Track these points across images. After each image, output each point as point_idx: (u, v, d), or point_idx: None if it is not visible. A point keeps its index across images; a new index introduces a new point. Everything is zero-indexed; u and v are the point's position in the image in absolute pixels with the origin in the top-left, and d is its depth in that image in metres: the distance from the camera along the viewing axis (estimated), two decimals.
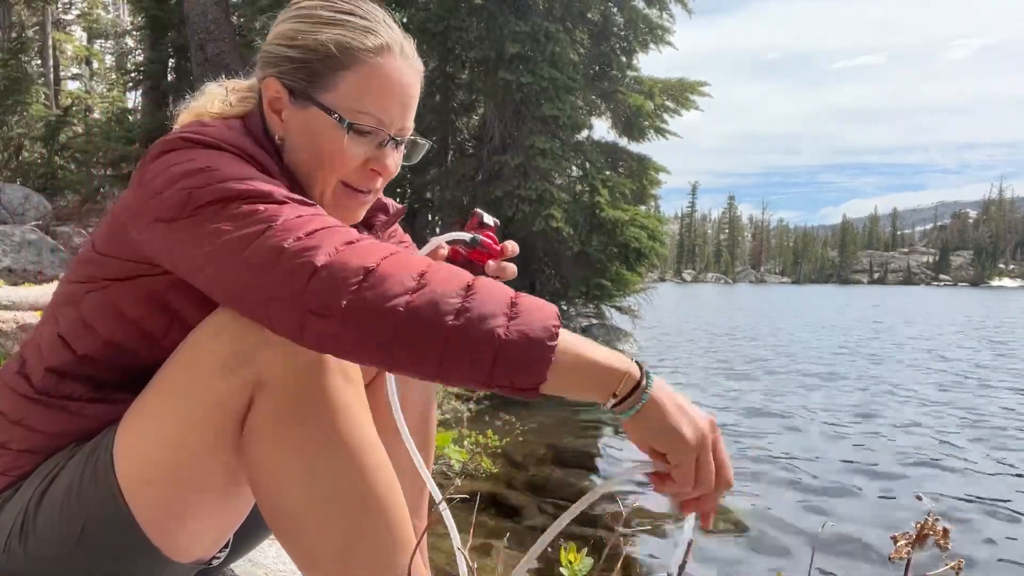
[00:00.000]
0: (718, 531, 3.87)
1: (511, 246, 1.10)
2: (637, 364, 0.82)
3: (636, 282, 10.76)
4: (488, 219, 1.13)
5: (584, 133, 10.31)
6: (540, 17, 9.64)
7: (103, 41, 24.99)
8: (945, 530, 0.82)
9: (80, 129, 13.66)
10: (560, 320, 0.78)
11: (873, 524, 4.02)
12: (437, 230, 10.64)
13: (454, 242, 1.09)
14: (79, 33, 22.51)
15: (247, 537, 1.16)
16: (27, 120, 14.07)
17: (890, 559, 0.83)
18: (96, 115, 15.80)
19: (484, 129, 10.42)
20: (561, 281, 10.27)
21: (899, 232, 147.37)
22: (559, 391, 0.78)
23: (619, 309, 11.82)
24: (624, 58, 10.73)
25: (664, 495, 0.85)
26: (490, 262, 1.10)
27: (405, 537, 0.90)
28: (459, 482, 4.19)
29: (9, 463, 0.99)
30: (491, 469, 4.54)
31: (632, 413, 0.80)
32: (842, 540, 3.77)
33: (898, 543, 0.83)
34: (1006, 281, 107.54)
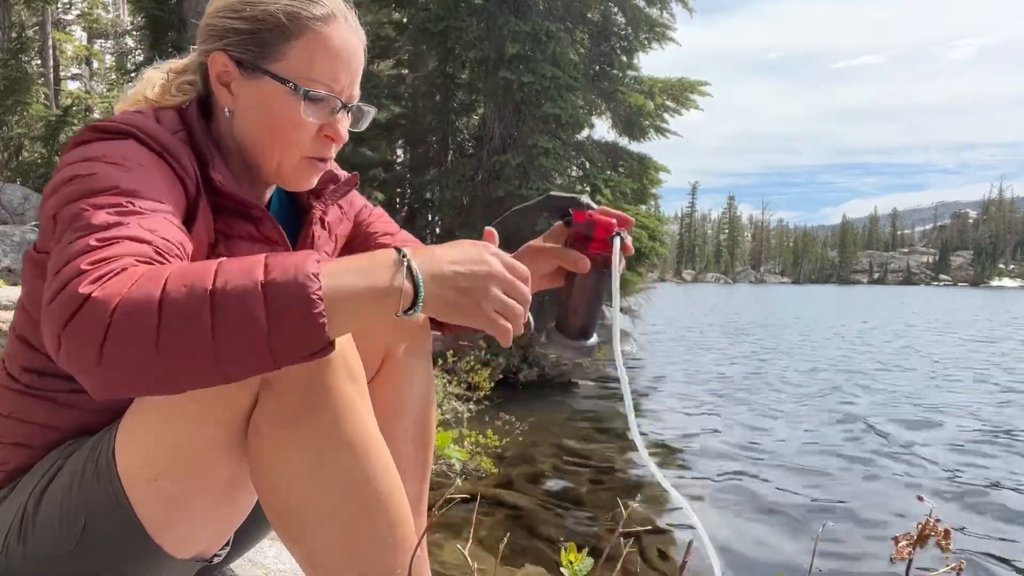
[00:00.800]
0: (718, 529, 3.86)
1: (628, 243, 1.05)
2: (405, 266, 0.75)
3: (636, 282, 10.76)
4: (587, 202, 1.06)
5: (585, 133, 10.30)
6: (540, 16, 9.63)
7: (103, 41, 24.97)
8: (946, 531, 0.81)
9: (80, 129, 13.67)
10: (316, 272, 0.71)
11: (874, 524, 4.02)
12: (437, 230, 10.64)
13: (574, 206, 1.05)
14: (79, 33, 22.49)
15: (247, 535, 1.15)
16: (27, 120, 14.07)
17: (891, 560, 0.83)
18: (96, 115, 15.79)
19: (484, 129, 10.41)
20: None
21: (899, 232, 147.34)
22: (345, 332, 0.76)
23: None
24: (625, 58, 10.71)
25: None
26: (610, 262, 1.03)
27: (407, 537, 0.90)
28: (459, 482, 4.19)
29: (2, 457, 0.99)
30: (491, 469, 4.53)
31: (415, 314, 0.77)
32: (842, 540, 3.77)
33: (899, 544, 0.83)
34: (1006, 281, 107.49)
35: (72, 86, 20.41)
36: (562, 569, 1.05)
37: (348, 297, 0.73)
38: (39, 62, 17.09)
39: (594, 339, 1.08)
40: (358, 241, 1.26)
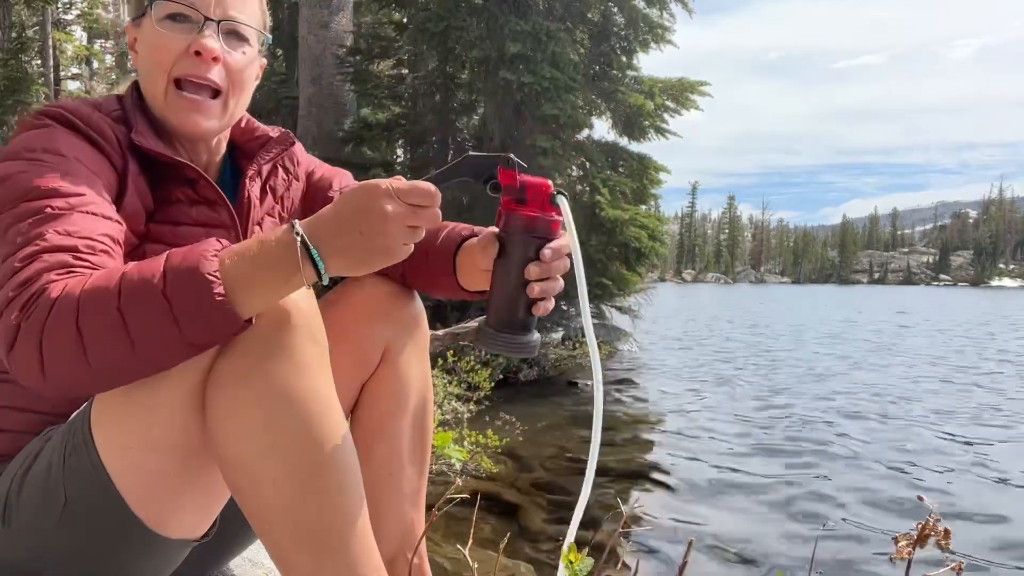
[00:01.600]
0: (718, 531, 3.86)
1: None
2: (299, 240, 0.79)
3: (636, 282, 10.76)
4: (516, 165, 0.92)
5: (584, 133, 10.30)
6: (540, 16, 9.63)
7: (103, 41, 24.98)
8: (946, 531, 0.82)
9: None
10: (214, 255, 0.78)
11: (874, 524, 4.02)
12: None
13: (503, 163, 0.89)
14: (79, 33, 22.48)
15: (245, 533, 1.15)
16: None
17: (891, 560, 0.83)
18: None
19: (484, 129, 10.41)
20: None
21: (899, 232, 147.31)
22: (260, 309, 0.82)
23: (619, 309, 11.82)
24: (624, 58, 10.71)
25: None
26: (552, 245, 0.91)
27: (356, 496, 0.91)
28: (459, 482, 4.19)
29: None
30: (491, 469, 4.53)
31: (325, 279, 0.82)
32: (842, 540, 3.77)
33: (899, 543, 0.83)
34: (1006, 281, 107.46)
35: (72, 86, 20.40)
36: (562, 569, 1.05)
37: (250, 277, 0.79)
38: (39, 62, 17.07)
39: (535, 336, 0.93)
40: (317, 199, 1.25)
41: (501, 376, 7.71)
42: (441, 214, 0.86)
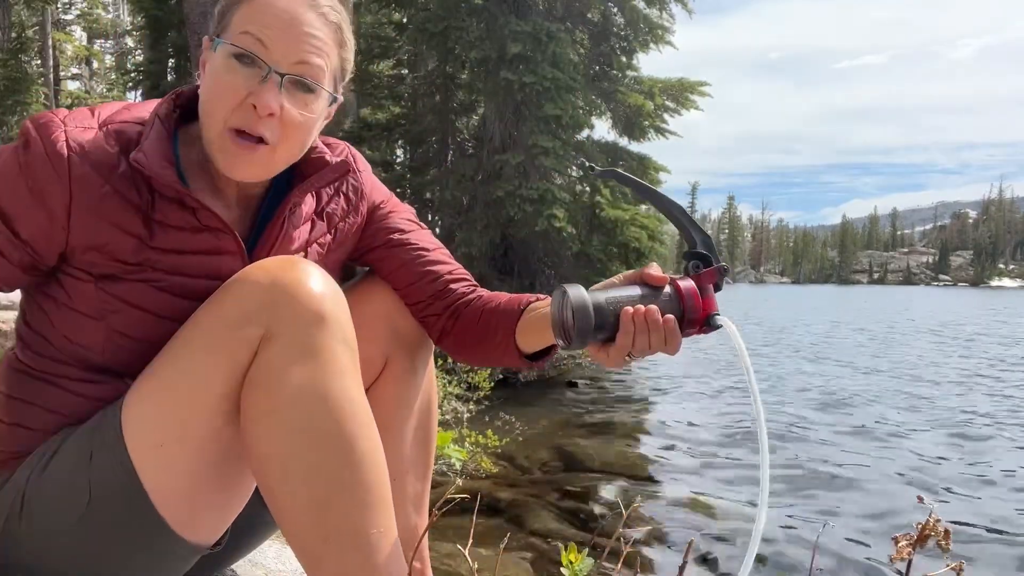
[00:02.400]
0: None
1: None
2: None
3: None
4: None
5: (585, 133, 10.31)
6: (541, 17, 9.63)
7: (103, 41, 24.99)
8: (947, 531, 0.81)
9: None
10: None
11: (874, 524, 4.02)
12: (437, 230, 10.64)
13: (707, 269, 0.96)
14: (79, 33, 22.48)
15: (249, 536, 1.16)
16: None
17: (891, 560, 0.83)
18: None
19: (484, 129, 10.41)
20: (561, 281, 10.26)
21: (899, 232, 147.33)
22: None
23: None
24: (624, 58, 10.72)
25: None
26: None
27: (383, 495, 0.92)
28: (459, 482, 4.19)
29: (2, 438, 1.01)
30: (491, 469, 4.54)
31: None
32: (842, 540, 3.77)
33: (899, 544, 0.83)
34: (1006, 281, 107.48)
35: (72, 86, 20.41)
36: (562, 569, 1.05)
37: None
38: (39, 62, 17.08)
39: (587, 336, 0.94)
40: (372, 237, 1.19)
41: (501, 376, 7.70)
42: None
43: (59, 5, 19.56)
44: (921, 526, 0.82)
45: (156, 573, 0.99)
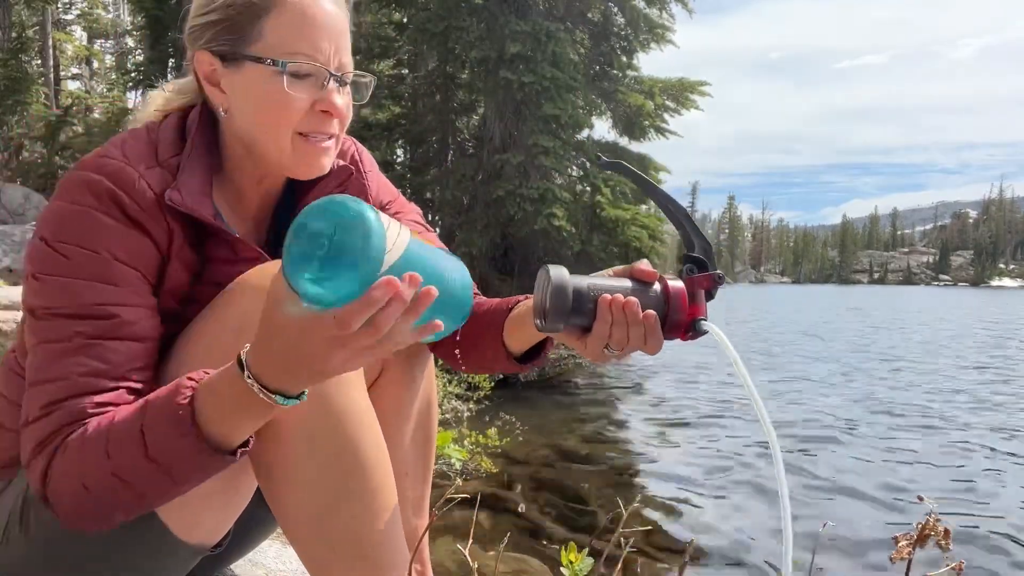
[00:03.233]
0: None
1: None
2: (256, 387, 0.75)
3: None
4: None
5: (585, 132, 10.31)
6: (541, 17, 9.64)
7: (103, 41, 24.98)
8: (946, 530, 0.81)
9: (80, 129, 13.67)
10: (186, 397, 0.78)
11: (874, 524, 4.02)
12: (438, 230, 10.63)
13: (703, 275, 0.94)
14: (79, 33, 22.49)
15: (248, 536, 1.16)
16: (27, 120, 14.06)
17: (891, 560, 0.83)
18: (96, 115, 15.79)
19: (484, 129, 10.41)
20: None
21: (899, 232, 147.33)
22: (244, 437, 0.82)
23: None
24: (624, 58, 10.73)
25: None
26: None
27: (390, 502, 0.92)
28: (459, 482, 4.19)
29: (4, 444, 1.00)
30: (491, 469, 4.53)
31: (294, 402, 0.78)
32: (842, 540, 3.77)
33: (899, 543, 0.83)
34: (1006, 281, 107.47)
35: (72, 86, 20.40)
36: (562, 569, 1.05)
37: (227, 422, 0.79)
38: (39, 62, 17.08)
39: (568, 317, 0.90)
40: None
41: (501, 376, 7.70)
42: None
43: (59, 5, 19.56)
44: (921, 526, 0.81)
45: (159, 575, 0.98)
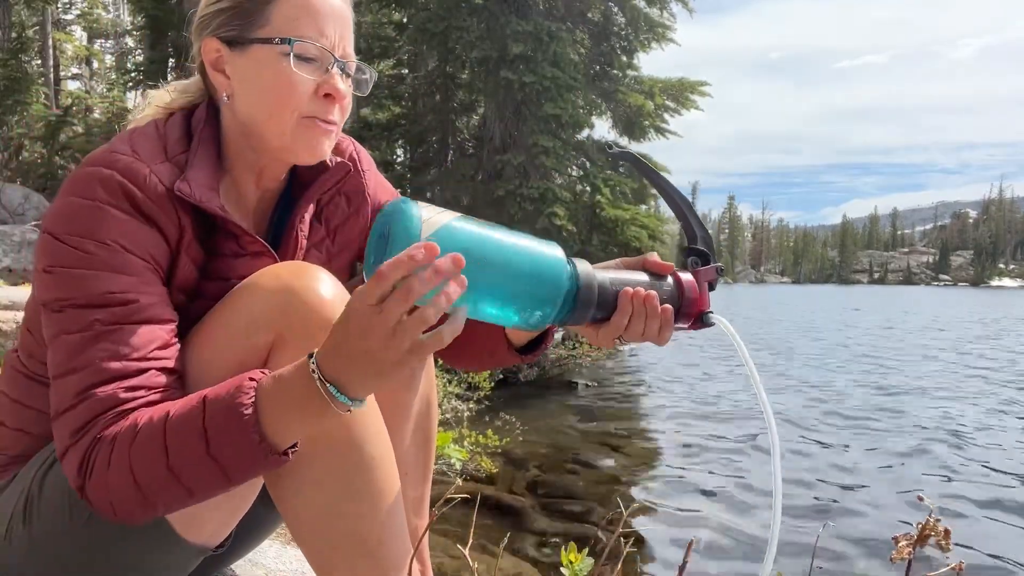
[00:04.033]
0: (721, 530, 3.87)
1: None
2: (319, 381, 0.76)
3: None
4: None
5: (585, 132, 10.31)
6: (541, 16, 9.63)
7: (103, 41, 24.97)
8: (946, 531, 0.81)
9: (80, 129, 13.65)
10: (250, 411, 0.78)
11: (874, 524, 4.02)
12: None
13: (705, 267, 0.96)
14: (79, 33, 22.48)
15: (249, 536, 1.16)
16: (27, 120, 14.06)
17: (891, 560, 0.83)
18: (96, 115, 15.77)
19: (484, 129, 10.41)
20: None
21: (899, 232, 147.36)
22: (296, 438, 0.82)
23: None
24: (625, 57, 10.72)
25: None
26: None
27: (394, 502, 0.92)
28: (459, 482, 4.19)
29: (5, 443, 1.01)
30: (491, 469, 4.53)
31: (360, 404, 0.79)
32: (842, 540, 3.77)
33: (899, 544, 0.83)
34: (1006, 281, 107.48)
35: (72, 86, 20.39)
36: (562, 569, 1.05)
37: (287, 420, 0.79)
38: (39, 62, 17.07)
39: (585, 309, 0.91)
40: None
41: (501, 376, 7.70)
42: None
43: (59, 5, 19.57)
44: (921, 526, 0.81)
45: (160, 575, 0.98)
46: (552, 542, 3.61)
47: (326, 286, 0.91)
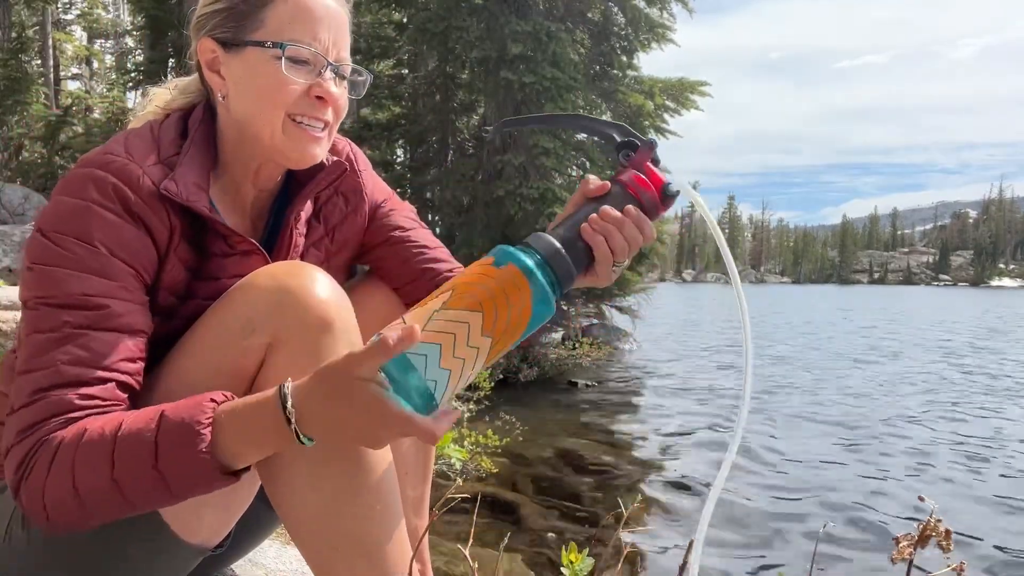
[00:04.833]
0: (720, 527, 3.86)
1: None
2: (289, 425, 0.78)
3: (636, 282, 10.78)
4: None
5: None
6: (541, 16, 9.63)
7: (103, 41, 24.98)
8: (947, 531, 0.81)
9: (80, 129, 13.65)
10: (209, 418, 0.79)
11: (874, 525, 4.02)
12: (437, 230, 10.63)
13: (633, 148, 0.95)
14: (79, 33, 22.48)
15: (249, 536, 1.16)
16: (27, 120, 14.06)
17: (892, 560, 0.83)
18: (96, 115, 15.77)
19: (484, 129, 10.42)
20: None
21: (899, 232, 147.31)
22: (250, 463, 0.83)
23: (619, 309, 11.84)
24: (625, 58, 10.72)
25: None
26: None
27: (393, 502, 0.92)
28: (459, 482, 4.19)
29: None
30: (491, 469, 4.53)
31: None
32: (843, 540, 3.77)
33: (900, 544, 0.83)
34: (1006, 281, 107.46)
35: (72, 86, 20.40)
36: (562, 569, 1.05)
37: (242, 445, 0.80)
38: (39, 62, 17.08)
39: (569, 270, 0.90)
40: (373, 235, 1.21)
41: (501, 376, 7.70)
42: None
43: (59, 5, 19.57)
44: (922, 526, 0.81)
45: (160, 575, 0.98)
46: (553, 542, 3.61)
47: (322, 286, 0.91)
